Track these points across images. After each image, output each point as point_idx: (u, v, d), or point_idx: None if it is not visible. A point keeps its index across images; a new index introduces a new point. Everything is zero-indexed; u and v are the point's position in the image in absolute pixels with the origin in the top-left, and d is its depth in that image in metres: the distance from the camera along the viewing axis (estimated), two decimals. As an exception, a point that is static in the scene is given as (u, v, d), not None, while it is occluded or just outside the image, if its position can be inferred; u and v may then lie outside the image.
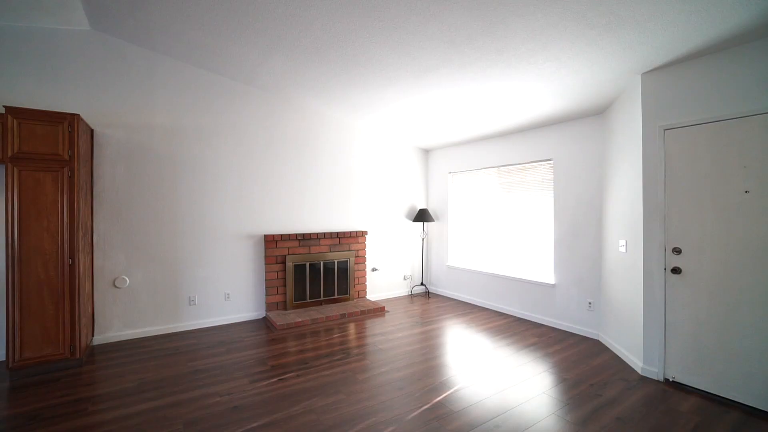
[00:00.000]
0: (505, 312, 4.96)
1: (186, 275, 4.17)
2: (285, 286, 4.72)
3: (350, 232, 5.21)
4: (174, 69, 4.02)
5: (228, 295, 4.42)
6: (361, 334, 4.15)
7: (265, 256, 4.60)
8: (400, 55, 3.26)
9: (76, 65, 3.58)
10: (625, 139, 3.41)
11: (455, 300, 5.66)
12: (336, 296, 5.10)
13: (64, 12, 3.27)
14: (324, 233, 5.00)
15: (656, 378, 3.03)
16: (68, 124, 3.05)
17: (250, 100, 4.49)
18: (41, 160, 2.96)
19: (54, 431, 2.34)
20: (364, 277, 5.38)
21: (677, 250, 2.90)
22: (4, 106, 2.89)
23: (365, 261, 5.38)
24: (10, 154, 2.86)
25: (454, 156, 5.77)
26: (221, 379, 3.04)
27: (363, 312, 4.81)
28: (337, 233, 5.10)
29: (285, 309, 4.72)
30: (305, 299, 4.87)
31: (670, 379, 2.95)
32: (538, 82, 3.45)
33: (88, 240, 3.48)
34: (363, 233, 5.33)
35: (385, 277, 5.73)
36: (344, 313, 4.67)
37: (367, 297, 5.46)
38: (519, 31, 2.73)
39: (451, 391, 2.86)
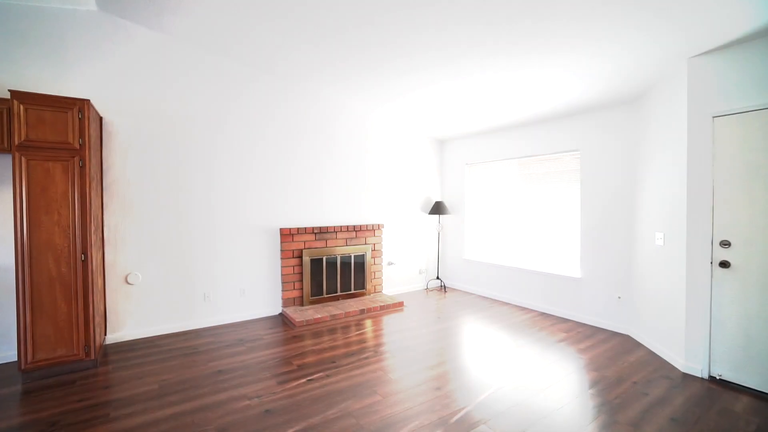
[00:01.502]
0: (527, 307, 4.85)
1: (200, 270, 3.98)
2: (302, 281, 4.55)
3: (366, 225, 5.05)
4: (187, 54, 3.79)
5: (243, 290, 4.25)
6: (383, 331, 4.02)
7: (281, 250, 4.43)
8: (429, 38, 3.06)
9: (83, 48, 3.33)
10: (666, 127, 3.26)
11: (472, 294, 5.54)
12: (353, 291, 4.95)
13: (70, -12, 3.03)
14: (340, 226, 4.83)
15: (700, 375, 2.93)
16: (78, 110, 2.84)
17: (266, 89, 4.27)
18: (50, 149, 2.75)
19: (76, 440, 2.18)
20: (380, 271, 5.23)
21: (726, 244, 2.78)
22: (9, 91, 2.66)
23: (382, 255, 5.23)
24: (16, 142, 2.64)
25: (472, 147, 5.60)
26: (247, 381, 2.88)
27: (382, 307, 4.67)
28: (354, 226, 4.93)
29: (302, 305, 4.57)
30: (322, 294, 4.71)
31: (717, 377, 2.85)
32: (574, 68, 3.28)
33: (99, 234, 3.28)
34: (379, 226, 5.17)
35: (401, 271, 5.59)
36: (363, 309, 4.52)
37: (384, 291, 5.32)
38: (563, 12, 2.55)
39: (491, 392, 2.74)
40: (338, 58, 3.62)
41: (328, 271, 4.75)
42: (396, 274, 5.53)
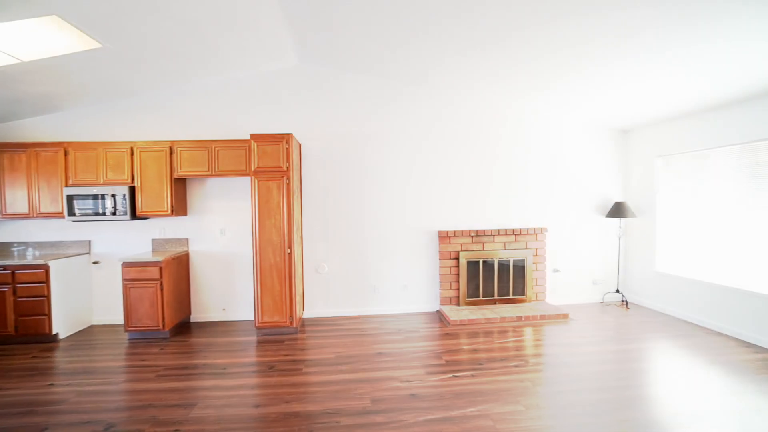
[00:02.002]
0: (755, 343, 3.58)
1: (370, 266, 4.69)
2: (458, 282, 4.73)
3: (527, 229, 4.78)
4: (356, 82, 4.57)
5: (405, 286, 4.75)
6: (540, 342, 3.76)
7: (439, 252, 4.72)
8: (598, 19, 2.72)
9: (288, 94, 4.50)
10: None
11: (666, 315, 4.46)
12: (511, 296, 4.79)
13: (281, 54, 4.14)
14: (498, 230, 4.75)
15: None
16: (285, 142, 3.87)
17: (421, 101, 4.67)
18: (270, 172, 3.86)
19: (285, 380, 3.02)
20: (543, 278, 4.85)
21: None
22: (250, 135, 3.90)
23: (545, 260, 4.85)
24: (253, 169, 3.84)
25: (667, 134, 4.52)
26: (400, 366, 3.27)
27: (542, 317, 4.35)
28: (513, 230, 4.76)
29: (458, 305, 4.74)
30: (478, 297, 4.75)
31: None
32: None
33: (299, 233, 4.35)
34: (542, 230, 4.81)
35: (568, 280, 5.02)
36: (521, 316, 4.33)
37: (547, 300, 4.91)
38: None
39: (670, 435, 2.24)
40: (494, 61, 3.64)
41: (484, 273, 4.76)
42: (562, 282, 5.00)
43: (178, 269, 4.22)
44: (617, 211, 4.79)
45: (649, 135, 4.77)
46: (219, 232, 4.50)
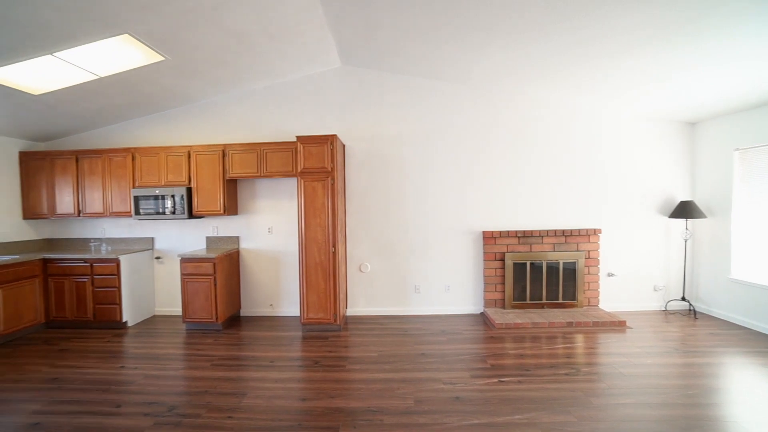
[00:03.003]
0: None
1: (412, 266, 4.67)
2: (504, 284, 4.57)
3: (579, 230, 4.52)
4: (397, 82, 4.56)
5: (448, 287, 4.67)
6: (593, 350, 3.53)
7: (484, 253, 4.60)
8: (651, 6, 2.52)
9: (332, 95, 4.60)
10: None
11: (742, 328, 4.00)
12: (561, 300, 4.54)
13: (325, 57, 4.24)
14: (547, 231, 4.54)
15: None
16: (330, 143, 3.96)
17: (463, 99, 4.57)
18: (315, 173, 3.96)
19: (329, 376, 3.09)
20: (596, 282, 4.56)
21: None
22: (296, 137, 4.04)
23: (598, 264, 4.55)
24: (299, 170, 3.97)
25: (747, 125, 4.06)
26: (444, 367, 3.22)
27: (595, 323, 4.09)
28: (563, 231, 4.52)
29: (503, 307, 4.58)
30: (525, 300, 4.57)
31: None
32: None
33: (343, 233, 4.43)
34: (595, 231, 4.52)
35: (625, 285, 4.67)
36: (571, 322, 4.10)
37: (600, 306, 4.61)
38: None
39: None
40: (541, 56, 3.49)
41: (532, 276, 4.56)
42: (618, 287, 4.67)
43: (229, 266, 4.47)
44: (683, 211, 4.38)
45: (725, 126, 4.30)
46: (267, 231, 4.71)
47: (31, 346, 3.88)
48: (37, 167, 4.66)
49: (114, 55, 3.29)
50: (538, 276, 4.57)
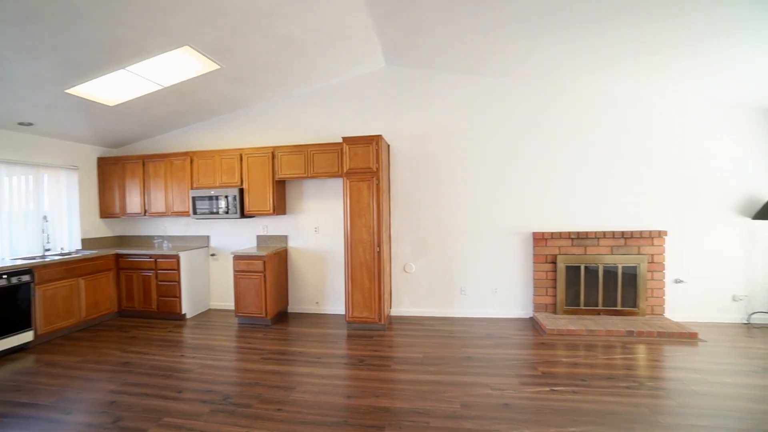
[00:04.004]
0: None
1: (458, 267, 4.57)
2: (555, 287, 4.33)
3: (641, 232, 4.17)
4: (442, 80, 4.49)
5: (495, 289, 4.52)
6: (658, 363, 3.24)
7: (534, 255, 4.39)
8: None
9: (376, 95, 4.62)
10: None
11: None
12: (619, 307, 4.22)
13: (370, 58, 4.27)
14: (603, 232, 4.23)
15: None
16: (375, 143, 3.97)
17: (512, 94, 4.40)
18: (360, 173, 4.00)
19: (374, 375, 3.10)
20: (661, 289, 4.18)
21: None
22: (342, 138, 4.10)
23: (663, 269, 4.17)
24: (345, 170, 4.03)
25: None
26: (491, 372, 3.11)
27: (661, 334, 3.74)
28: (622, 233, 4.20)
29: (554, 312, 4.34)
30: (578, 305, 4.30)
31: None
32: None
33: (387, 232, 4.43)
34: (660, 233, 4.14)
35: (696, 294, 4.23)
36: (632, 331, 3.79)
37: (666, 315, 4.21)
38: None
39: None
40: (601, 44, 3.27)
41: (587, 280, 4.28)
42: (688, 296, 4.24)
43: (278, 263, 4.64)
44: None
45: (817, 115, 3.77)
46: (313, 230, 4.83)
47: (106, 332, 4.28)
48: (110, 171, 5.14)
49: (175, 66, 3.55)
50: (593, 280, 4.28)
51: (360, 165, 4.00)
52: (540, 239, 4.35)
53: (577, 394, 2.73)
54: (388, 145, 4.59)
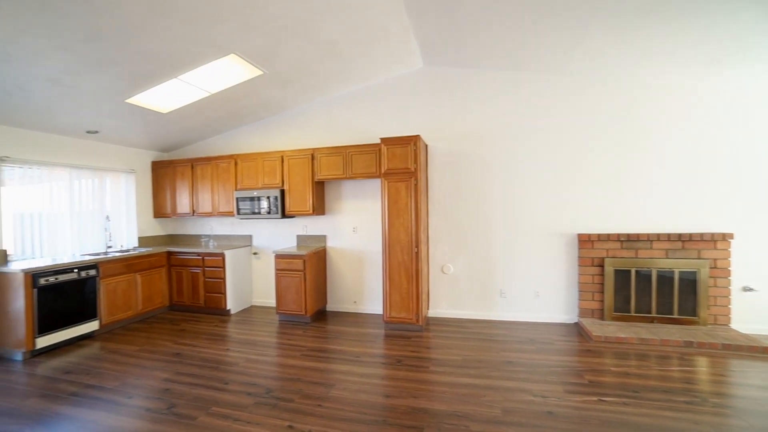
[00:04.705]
0: None
1: (498, 269, 4.45)
2: (602, 292, 4.11)
3: (701, 234, 3.85)
4: (482, 79, 4.39)
5: (537, 293, 4.35)
6: (724, 378, 2.97)
7: (579, 257, 4.18)
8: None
9: (414, 96, 4.60)
10: None
11: None
12: (676, 316, 3.92)
13: (408, 59, 4.26)
14: (657, 234, 3.95)
15: None
16: (413, 143, 3.96)
17: (555, 90, 4.22)
18: (398, 174, 4.01)
19: (412, 376, 3.09)
20: (726, 297, 3.83)
21: None
22: (380, 138, 4.13)
23: (729, 275, 3.82)
24: (383, 171, 4.05)
25: None
26: (533, 378, 3.00)
27: (726, 346, 3.44)
28: (679, 235, 3.90)
29: (602, 318, 4.12)
30: (629, 312, 4.04)
31: None
32: None
33: (425, 233, 4.40)
34: (725, 236, 3.80)
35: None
36: (692, 342, 3.51)
37: (731, 326, 3.86)
38: None
39: None
40: (655, 30, 3.07)
41: (638, 285, 4.02)
42: (759, 306, 3.85)
43: (317, 262, 4.74)
44: None
45: None
46: (351, 230, 4.89)
47: (159, 324, 4.58)
48: (163, 174, 5.50)
49: (221, 74, 3.73)
50: (645, 286, 4.01)
51: (398, 165, 4.00)
52: (586, 241, 4.14)
53: (629, 405, 2.57)
54: (426, 145, 4.56)
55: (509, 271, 4.42)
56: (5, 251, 3.89)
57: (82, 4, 2.41)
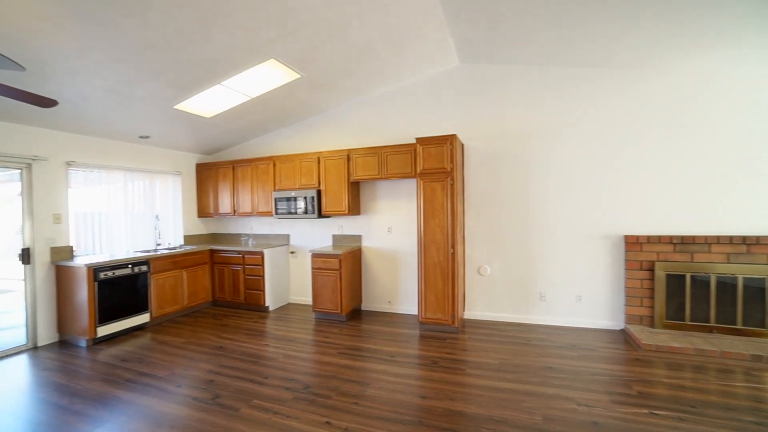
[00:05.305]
0: None
1: (537, 271, 4.30)
2: (652, 298, 3.85)
3: None
4: (521, 74, 4.25)
5: (580, 297, 4.16)
6: (796, 394, 2.70)
7: (625, 260, 3.95)
8: None
9: (450, 95, 4.53)
10: None
11: None
12: (740, 326, 3.60)
13: (443, 57, 4.21)
14: (717, 236, 3.65)
15: None
16: (449, 143, 3.91)
17: (600, 84, 4.00)
18: (434, 173, 3.97)
19: (448, 378, 3.05)
20: (797, 306, 3.48)
21: None
22: (415, 138, 4.11)
23: (800, 282, 3.47)
24: (418, 171, 4.03)
25: None
26: (575, 386, 2.86)
27: (797, 360, 3.12)
28: (743, 237, 3.58)
29: (651, 326, 3.86)
30: (683, 320, 3.76)
31: None
32: None
33: (461, 234, 4.33)
34: (794, 238, 3.46)
35: None
36: (760, 356, 3.20)
37: (804, 338, 3.50)
38: None
39: None
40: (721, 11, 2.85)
41: (694, 292, 3.73)
42: (836, 315, 3.47)
43: (352, 262, 4.79)
44: None
45: None
46: (386, 230, 4.91)
47: (203, 319, 4.82)
48: (206, 175, 5.78)
49: (261, 78, 3.85)
50: (702, 292, 3.71)
51: (434, 165, 3.96)
52: (633, 243, 3.90)
53: (685, 421, 2.39)
54: (462, 145, 4.49)
55: (549, 273, 4.26)
56: (71, 247, 4.25)
57: (136, 18, 2.57)
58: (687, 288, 3.74)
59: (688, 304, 3.75)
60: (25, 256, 3.92)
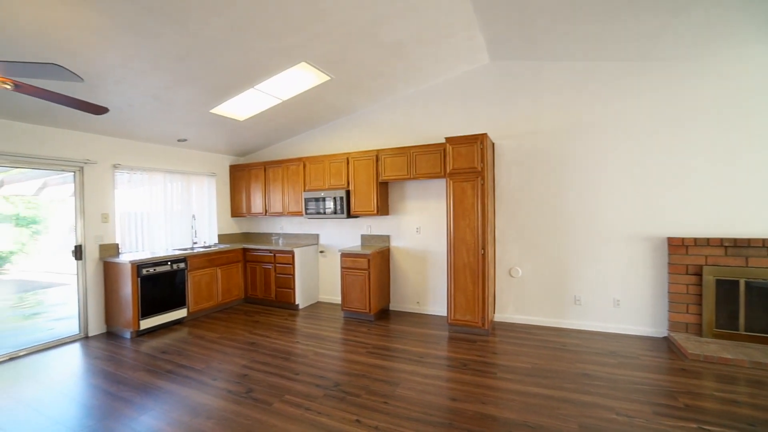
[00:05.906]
0: None
1: (571, 273, 4.14)
2: (700, 304, 3.62)
3: (831, 239, 3.23)
4: (555, 70, 4.11)
5: (618, 301, 3.97)
6: None
7: (669, 264, 3.73)
8: None
9: (480, 94, 4.45)
10: None
11: None
12: (798, 336, 3.32)
13: (473, 55, 4.14)
14: (772, 239, 3.39)
15: None
16: (479, 142, 3.84)
17: (640, 79, 3.80)
18: (464, 173, 3.91)
19: (478, 381, 2.99)
20: None
21: None
22: (445, 138, 4.07)
23: None
24: (448, 171, 3.98)
25: None
26: (615, 395, 2.73)
27: None
28: (802, 240, 3.30)
29: (699, 334, 3.63)
30: (736, 329, 3.51)
31: None
32: None
33: (492, 234, 4.24)
34: None
35: None
36: (820, 367, 2.95)
37: None
38: None
39: None
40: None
41: (749, 299, 3.46)
42: None
43: (381, 262, 4.81)
44: None
45: None
46: (415, 231, 4.89)
47: (237, 315, 4.98)
48: (239, 177, 5.97)
49: (292, 82, 3.94)
50: (759, 300, 3.44)
51: (463, 165, 3.91)
52: (678, 246, 3.68)
53: (739, 437, 2.23)
54: (493, 144, 4.40)
55: (585, 277, 4.09)
56: (117, 245, 4.52)
57: (174, 27, 2.69)
58: (741, 295, 3.49)
59: (742, 312, 3.49)
60: (78, 252, 4.21)
